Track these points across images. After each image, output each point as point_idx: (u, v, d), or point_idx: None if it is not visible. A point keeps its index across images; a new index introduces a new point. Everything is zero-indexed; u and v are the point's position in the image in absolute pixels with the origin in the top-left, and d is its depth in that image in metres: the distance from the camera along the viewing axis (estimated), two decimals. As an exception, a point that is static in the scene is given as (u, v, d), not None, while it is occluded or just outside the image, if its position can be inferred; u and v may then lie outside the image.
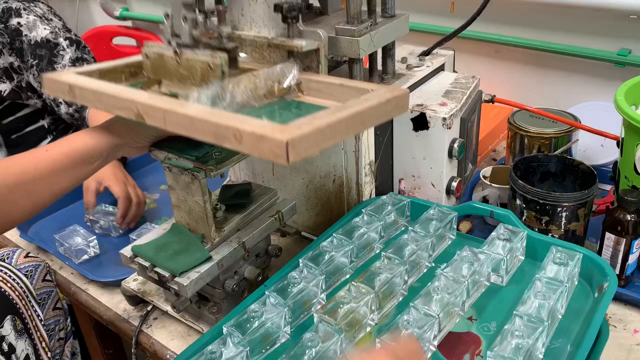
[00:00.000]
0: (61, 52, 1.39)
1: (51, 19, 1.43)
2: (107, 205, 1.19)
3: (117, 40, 2.26)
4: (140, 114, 0.69)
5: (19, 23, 1.38)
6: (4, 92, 1.42)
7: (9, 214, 0.78)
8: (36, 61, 1.38)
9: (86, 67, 0.84)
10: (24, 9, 1.40)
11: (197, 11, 0.75)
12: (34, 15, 1.40)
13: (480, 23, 1.03)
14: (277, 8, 0.79)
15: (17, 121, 1.48)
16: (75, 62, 1.40)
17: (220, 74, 0.75)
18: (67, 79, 0.78)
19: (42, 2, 1.46)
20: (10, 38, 1.38)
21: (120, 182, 1.17)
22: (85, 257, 1.10)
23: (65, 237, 1.11)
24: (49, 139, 1.54)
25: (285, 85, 0.79)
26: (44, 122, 1.52)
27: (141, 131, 0.80)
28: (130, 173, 1.37)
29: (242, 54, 0.88)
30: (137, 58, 0.89)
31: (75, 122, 1.46)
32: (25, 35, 1.38)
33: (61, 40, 1.40)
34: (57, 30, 1.41)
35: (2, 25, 1.38)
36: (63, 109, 1.41)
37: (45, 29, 1.39)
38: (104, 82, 0.79)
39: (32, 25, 1.38)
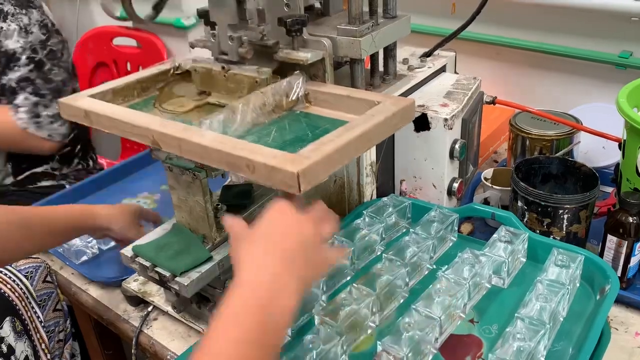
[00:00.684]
0: (15, 69, 1.39)
1: (32, 32, 1.41)
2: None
3: (118, 41, 2.26)
4: (156, 141, 0.73)
5: (1, 27, 1.38)
6: None
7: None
8: None
9: (100, 88, 0.88)
10: (13, 15, 1.39)
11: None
12: (16, 24, 1.39)
13: (482, 25, 1.03)
14: (281, 22, 0.80)
15: None
16: (20, 81, 1.39)
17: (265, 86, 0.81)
18: (82, 105, 0.82)
19: (38, 9, 1.44)
20: None
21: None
22: (85, 257, 1.10)
23: None
24: None
25: (292, 98, 0.82)
26: None
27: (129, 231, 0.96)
28: (130, 174, 1.38)
29: None
30: (147, 73, 0.93)
31: None
32: (1, 41, 1.38)
33: (24, 57, 1.39)
34: (28, 46, 1.40)
35: None
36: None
37: (17, 41, 1.39)
38: (117, 106, 0.84)
39: (10, 34, 1.38)
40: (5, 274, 0.92)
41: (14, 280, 0.92)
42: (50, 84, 1.44)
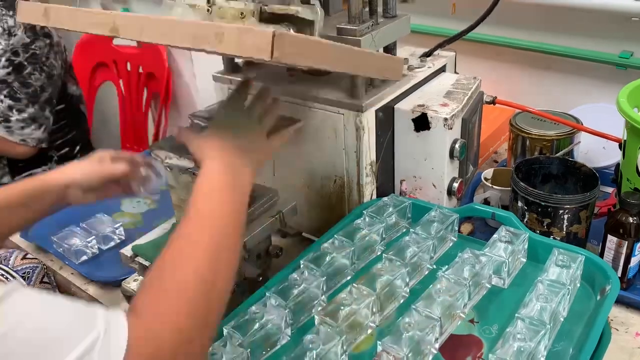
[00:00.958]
0: None
1: (15, 35, 1.40)
2: (76, 228, 1.15)
3: (118, 41, 2.26)
4: (116, 27, 0.67)
5: None
6: None
7: None
8: None
9: None
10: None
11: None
12: (0, 26, 1.38)
13: (482, 25, 1.03)
14: None
15: None
16: None
17: (251, 19, 0.76)
18: (42, 5, 0.77)
19: None
20: None
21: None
22: (85, 257, 1.09)
23: (62, 238, 1.11)
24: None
25: None
26: None
27: (92, 171, 0.85)
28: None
29: None
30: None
31: None
32: None
33: (3, 60, 1.39)
34: (9, 49, 1.39)
35: None
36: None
37: (8, 41, 1.38)
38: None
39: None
40: (2, 274, 0.92)
41: (10, 281, 0.92)
42: (28, 88, 1.43)
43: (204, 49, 0.60)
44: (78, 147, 1.63)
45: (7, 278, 0.93)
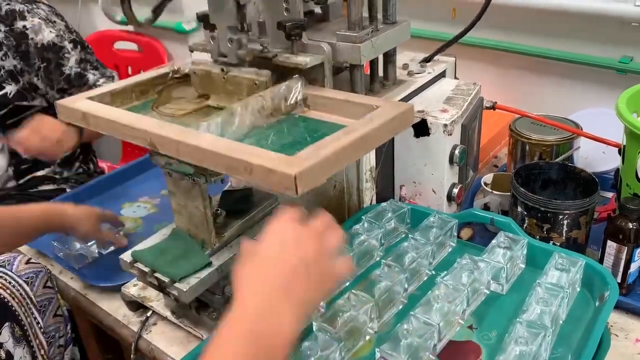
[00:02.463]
0: (66, 55, 1.43)
1: (55, 21, 1.44)
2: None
3: (119, 45, 2.26)
4: (153, 144, 0.73)
5: (24, 26, 1.39)
6: (10, 93, 1.42)
7: None
8: (44, 64, 1.41)
9: (97, 90, 0.89)
10: (28, 12, 1.41)
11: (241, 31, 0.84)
12: (39, 18, 1.41)
13: (482, 30, 1.03)
14: (281, 26, 0.81)
15: (22, 122, 1.48)
16: (80, 63, 1.45)
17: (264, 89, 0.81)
18: (79, 107, 0.83)
19: (44, 3, 1.47)
20: (16, 41, 1.38)
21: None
22: (85, 262, 1.10)
23: (63, 242, 1.11)
24: None
25: (291, 101, 0.82)
26: None
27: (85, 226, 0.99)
28: (131, 178, 1.38)
29: None
30: (145, 76, 0.94)
31: None
32: (32, 38, 1.39)
33: (66, 43, 1.43)
34: (62, 33, 1.43)
35: (8, 28, 1.38)
36: None
37: (51, 32, 1.41)
38: (115, 109, 0.84)
39: (38, 29, 1.40)
40: (5, 279, 0.92)
41: (13, 286, 0.92)
42: (93, 54, 1.51)
43: (238, 177, 0.67)
44: (79, 150, 1.63)
45: (10, 283, 0.93)
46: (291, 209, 0.65)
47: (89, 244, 1.10)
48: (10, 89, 1.42)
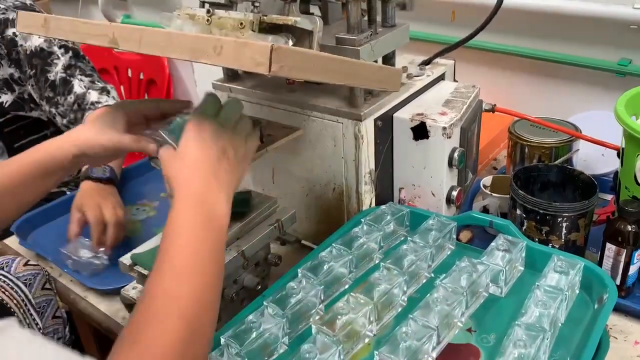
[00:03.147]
0: (55, 61, 1.37)
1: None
2: (85, 239, 1.11)
3: (119, 47, 2.27)
4: (115, 39, 0.68)
5: (14, 33, 1.35)
6: (6, 103, 1.39)
7: None
8: (33, 71, 1.36)
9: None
10: None
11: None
12: None
13: (481, 33, 1.03)
14: None
15: (20, 130, 1.47)
16: (67, 68, 1.37)
17: (249, 31, 0.76)
18: (42, 14, 0.77)
19: (40, 11, 1.45)
20: (7, 49, 1.35)
21: (94, 206, 1.12)
22: (95, 269, 1.08)
23: (72, 250, 1.08)
24: None
25: None
26: (47, 132, 1.51)
27: (97, 142, 0.79)
28: (130, 181, 1.38)
29: None
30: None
31: None
32: (21, 45, 1.35)
33: (55, 48, 1.38)
34: (51, 38, 1.38)
35: (0, 36, 1.36)
36: (59, 120, 1.39)
37: (39, 37, 1.36)
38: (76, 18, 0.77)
39: (27, 35, 1.35)
40: (4, 281, 0.92)
41: (12, 288, 0.92)
42: (89, 63, 1.43)
43: (203, 62, 0.61)
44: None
45: (8, 285, 0.93)
46: (205, 105, 0.74)
47: (99, 250, 1.09)
48: (5, 98, 1.39)
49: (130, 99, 0.91)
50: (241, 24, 0.77)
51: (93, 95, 1.34)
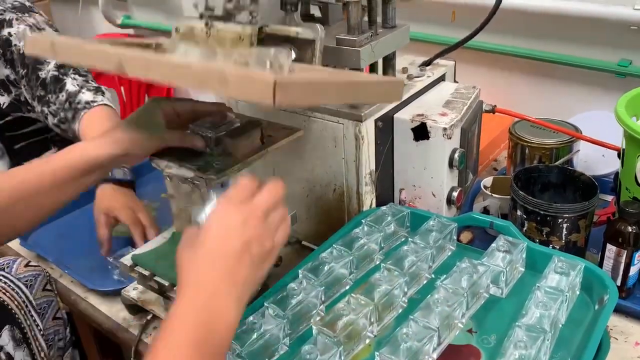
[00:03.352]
0: (47, 60, 1.33)
1: (44, 29, 1.39)
2: (126, 248, 1.11)
3: (120, 48, 2.27)
4: (121, 64, 0.67)
5: (9, 33, 1.34)
6: (3, 104, 1.38)
7: (12, 226, 0.79)
8: (25, 70, 1.34)
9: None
10: (17, 19, 1.37)
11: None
12: (25, 25, 1.36)
13: (481, 33, 1.03)
14: None
15: (20, 132, 1.46)
16: (60, 67, 1.34)
17: (249, 45, 0.75)
18: (49, 38, 0.77)
19: (39, 13, 1.44)
20: (2, 49, 1.34)
21: (127, 208, 1.13)
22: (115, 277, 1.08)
23: (119, 257, 1.04)
24: (52, 149, 1.53)
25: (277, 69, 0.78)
26: (48, 135, 1.51)
27: (139, 141, 0.80)
28: (131, 181, 1.38)
29: None
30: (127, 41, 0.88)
31: (65, 135, 1.39)
32: (15, 45, 1.34)
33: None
34: None
35: None
36: (50, 119, 1.37)
37: None
38: (84, 39, 0.78)
39: (22, 35, 1.34)
40: (5, 282, 0.92)
41: (13, 289, 0.92)
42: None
43: (210, 92, 0.62)
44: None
45: (9, 286, 0.93)
46: (240, 187, 0.67)
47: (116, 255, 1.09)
48: (2, 99, 1.38)
49: (161, 97, 0.87)
50: (240, 37, 0.76)
51: (87, 95, 1.30)
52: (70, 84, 1.32)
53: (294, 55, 0.79)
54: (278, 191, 0.69)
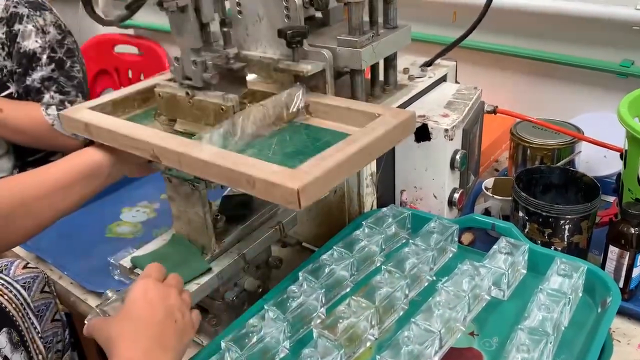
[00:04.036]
0: (37, 68, 1.41)
1: (48, 32, 1.43)
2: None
3: (119, 48, 2.26)
4: (156, 155, 0.73)
5: (18, 30, 1.40)
6: (14, 94, 1.43)
7: (10, 234, 0.79)
8: (20, 69, 1.41)
9: (100, 100, 0.89)
10: (27, 17, 1.41)
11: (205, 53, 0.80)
12: (32, 25, 1.41)
13: (483, 34, 1.03)
14: (282, 34, 0.80)
15: None
16: (44, 80, 1.41)
17: (231, 115, 0.79)
18: (82, 117, 0.83)
19: (50, 10, 1.46)
20: (10, 43, 1.40)
21: None
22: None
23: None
24: None
25: (293, 109, 0.82)
26: None
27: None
28: (130, 182, 1.37)
29: (251, 75, 0.91)
30: (147, 84, 0.93)
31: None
32: (18, 42, 1.40)
33: (44, 57, 1.42)
34: (47, 45, 1.42)
35: (7, 29, 1.39)
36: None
37: (36, 41, 1.41)
38: (117, 119, 0.84)
39: (27, 35, 1.40)
40: (3, 285, 0.91)
41: (10, 291, 0.91)
42: (73, 81, 1.47)
43: (242, 190, 0.66)
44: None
45: (7, 288, 0.93)
46: (152, 269, 0.74)
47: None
48: (14, 89, 1.43)
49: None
50: (222, 109, 0.79)
51: (50, 109, 1.40)
52: (47, 99, 1.42)
53: (303, 97, 0.84)
54: (181, 280, 0.76)
